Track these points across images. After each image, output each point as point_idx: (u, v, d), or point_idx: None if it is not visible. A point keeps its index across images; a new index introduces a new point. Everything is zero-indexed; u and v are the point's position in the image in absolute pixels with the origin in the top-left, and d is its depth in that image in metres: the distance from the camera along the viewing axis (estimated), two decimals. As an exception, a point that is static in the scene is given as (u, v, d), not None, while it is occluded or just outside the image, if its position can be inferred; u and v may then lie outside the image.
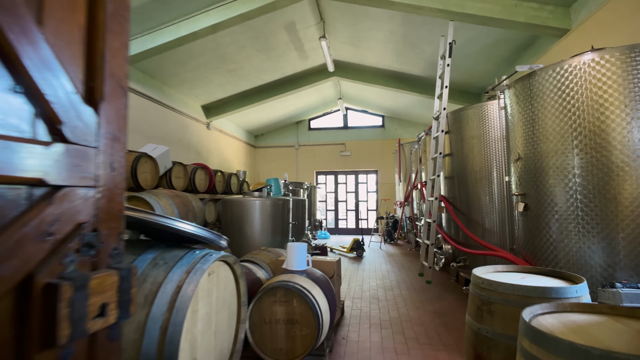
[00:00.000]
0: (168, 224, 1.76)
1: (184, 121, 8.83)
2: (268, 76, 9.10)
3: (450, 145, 4.81)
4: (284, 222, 5.47)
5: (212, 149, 10.38)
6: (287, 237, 5.52)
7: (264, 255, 4.04)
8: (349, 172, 13.96)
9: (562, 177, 2.77)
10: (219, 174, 8.33)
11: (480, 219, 4.33)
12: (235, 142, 12.22)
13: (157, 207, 3.31)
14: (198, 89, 8.72)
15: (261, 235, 5.19)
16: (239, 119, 11.82)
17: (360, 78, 9.45)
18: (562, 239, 2.76)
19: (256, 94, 9.92)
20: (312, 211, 11.14)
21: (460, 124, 4.60)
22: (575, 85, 2.72)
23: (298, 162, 14.01)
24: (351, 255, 8.75)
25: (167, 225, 1.76)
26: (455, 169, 4.71)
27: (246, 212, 5.19)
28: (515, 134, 3.26)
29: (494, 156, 4.17)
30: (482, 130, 4.29)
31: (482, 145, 4.28)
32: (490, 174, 4.21)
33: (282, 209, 5.43)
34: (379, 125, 13.73)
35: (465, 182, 4.54)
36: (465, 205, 4.55)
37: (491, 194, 4.21)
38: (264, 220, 5.22)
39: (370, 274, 6.63)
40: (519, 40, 6.24)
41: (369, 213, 13.84)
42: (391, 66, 8.69)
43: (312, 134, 14.06)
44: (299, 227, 6.71)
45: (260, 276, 3.44)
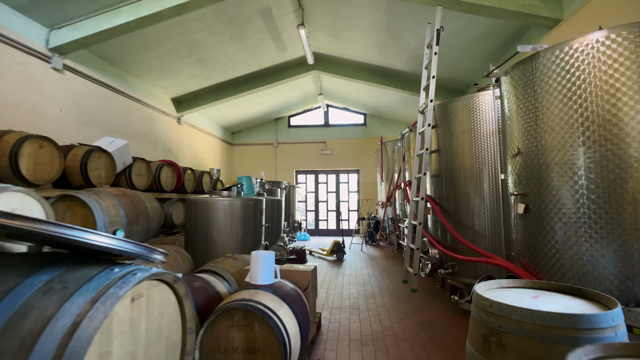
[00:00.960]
0: (57, 233, 1.23)
1: (151, 114, 8.14)
2: (243, 68, 8.53)
3: (437, 141, 4.42)
4: (256, 224, 4.94)
5: (183, 146, 9.70)
6: (260, 241, 5.00)
7: (229, 264, 3.52)
8: (330, 172, 13.53)
9: (570, 174, 2.39)
10: (188, 172, 7.70)
11: (470, 221, 3.96)
12: (209, 138, 11.55)
13: (96, 209, 2.75)
14: (167, 80, 8.05)
15: (230, 240, 4.65)
16: (213, 114, 11.16)
17: (341, 72, 9.02)
18: (569, 245, 2.38)
19: (231, 87, 9.32)
20: (291, 212, 10.63)
21: (448, 118, 4.22)
22: (582, 68, 2.34)
23: (277, 161, 13.46)
24: (331, 259, 8.30)
25: (56, 235, 1.23)
26: (442, 166, 4.33)
27: (213, 213, 4.64)
28: (513, 126, 2.87)
29: (486, 152, 3.80)
30: (472, 124, 3.92)
31: (473, 140, 3.91)
32: (482, 171, 3.84)
33: (254, 210, 4.91)
34: (361, 123, 13.36)
35: (453, 180, 4.16)
36: (454, 206, 4.17)
37: (482, 194, 3.84)
38: (233, 222, 4.68)
39: (350, 280, 6.19)
40: (507, 33, 5.95)
41: (350, 214, 13.45)
42: (373, 60, 8.30)
43: (292, 132, 13.55)
44: (274, 230, 6.19)
45: (222, 290, 2.92)
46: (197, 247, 4.63)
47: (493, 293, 1.79)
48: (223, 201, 4.65)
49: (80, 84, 6.04)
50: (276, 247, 5.09)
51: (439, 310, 4.39)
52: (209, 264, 3.51)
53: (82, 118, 6.06)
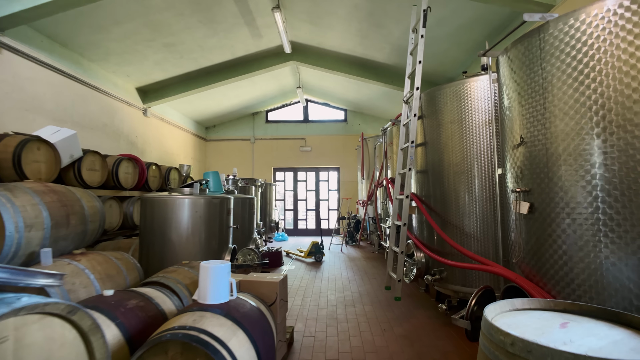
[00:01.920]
0: None
1: (111, 104, 7.40)
2: (215, 56, 7.91)
3: (423, 133, 4.01)
4: (223, 225, 4.40)
5: (150, 140, 8.97)
6: (227, 245, 4.46)
7: (183, 274, 2.98)
8: (309, 169, 13.03)
9: (588, 167, 2.00)
10: (153, 168, 7.03)
11: (459, 222, 3.56)
12: (180, 133, 10.82)
13: (5, 209, 2.15)
14: (129, 66, 7.33)
15: (191, 243, 4.09)
16: (185, 107, 10.45)
17: (320, 64, 8.53)
18: (584, 252, 1.99)
19: (202, 77, 8.67)
20: (268, 211, 10.08)
21: (436, 107, 3.81)
22: (603, 39, 1.95)
23: (254, 157, 12.85)
24: (309, 261, 7.82)
25: None
26: (429, 161, 3.92)
27: (172, 213, 4.06)
28: (514, 112, 2.47)
29: (479, 144, 3.41)
30: (463, 113, 3.52)
31: (464, 131, 3.51)
32: (474, 166, 3.45)
33: (220, 209, 4.36)
34: (342, 119, 12.94)
35: (441, 176, 3.76)
36: (441, 205, 3.77)
37: (474, 191, 3.45)
38: (195, 223, 4.12)
39: (329, 284, 5.73)
40: (495, 22, 5.63)
41: (330, 213, 13.01)
42: (354, 50, 7.86)
43: (270, 127, 12.96)
44: (245, 231, 5.65)
45: (168, 308, 2.38)
46: (153, 253, 4.05)
47: (507, 319, 1.37)
48: (183, 200, 4.08)
49: (23, 65, 5.29)
50: (246, 251, 4.56)
51: (425, 319, 3.99)
52: (158, 274, 2.96)
53: (25, 104, 5.32)
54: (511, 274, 2.42)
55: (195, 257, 4.09)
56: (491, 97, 3.18)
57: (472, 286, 3.38)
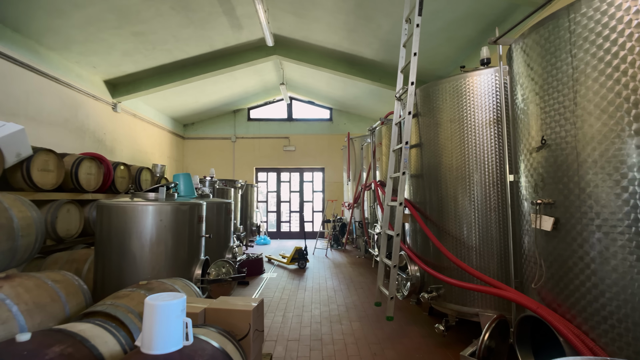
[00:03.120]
0: None
1: (74, 98, 6.73)
2: (191, 48, 7.33)
3: (418, 133, 3.61)
4: (193, 235, 3.89)
5: (120, 137, 8.30)
6: (197, 256, 3.95)
7: (138, 299, 2.47)
8: (293, 170, 12.55)
9: (622, 175, 1.62)
10: (121, 168, 6.42)
11: (457, 232, 3.18)
12: (156, 130, 10.15)
13: None
14: (95, 57, 6.68)
15: (156, 257, 3.57)
16: (160, 103, 9.79)
17: (305, 59, 8.08)
18: (625, 281, 1.62)
19: (178, 71, 8.07)
20: (249, 213, 9.55)
21: (433, 104, 3.42)
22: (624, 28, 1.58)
23: (235, 157, 12.27)
24: (292, 267, 7.36)
25: None
26: (425, 164, 3.53)
27: (132, 222, 3.52)
28: (532, 109, 2.09)
29: (482, 147, 3.04)
30: (464, 111, 3.14)
31: (465, 131, 3.13)
32: (476, 171, 3.07)
33: (190, 216, 3.85)
34: (327, 118, 12.51)
35: (438, 181, 3.37)
36: (437, 213, 3.38)
37: (475, 199, 3.08)
38: (160, 233, 3.60)
39: (313, 296, 5.29)
40: (490, 16, 5.31)
41: (314, 215, 12.56)
42: (341, 45, 7.44)
43: (252, 125, 12.41)
44: (220, 239, 5.14)
45: (109, 351, 1.88)
46: (110, 268, 3.50)
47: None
48: (146, 206, 3.55)
49: (-37, 51, 4.63)
50: (220, 263, 4.06)
51: (419, 339, 3.60)
52: (105, 300, 2.44)
53: (-35, 96, 4.65)
54: (531, 302, 2.04)
55: (160, 273, 3.57)
56: (501, 92, 2.81)
57: (474, 306, 3.00)
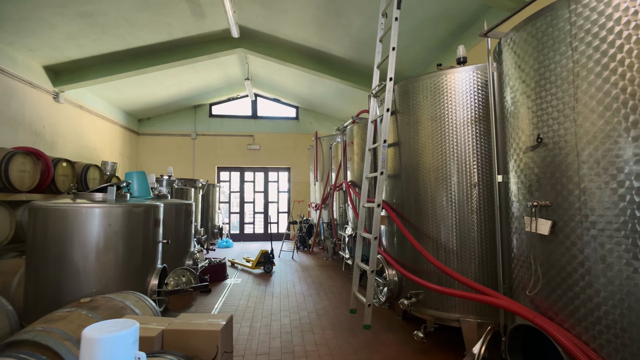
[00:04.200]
0: None
1: (7, 84, 5.90)
2: (148, 35, 6.73)
3: (396, 132, 3.46)
4: (148, 240, 3.45)
5: (63, 131, 7.45)
6: (153, 264, 3.51)
7: (78, 321, 2.06)
8: (257, 169, 12.11)
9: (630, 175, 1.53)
10: (63, 165, 5.72)
11: (435, 234, 3.06)
12: (106, 124, 9.29)
13: None
14: (32, 38, 5.89)
15: (103, 266, 3.10)
16: (111, 95, 8.96)
17: (272, 54, 7.74)
18: (630, 286, 1.52)
19: (132, 60, 7.39)
20: (210, 215, 9.02)
21: (412, 101, 3.28)
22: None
23: (195, 155, 11.60)
24: (258, 272, 7.00)
25: None
26: (403, 164, 3.38)
27: (74, 227, 3.03)
28: (523, 108, 1.98)
29: (463, 146, 2.93)
30: (445, 109, 3.03)
31: (445, 130, 3.01)
32: (455, 171, 2.97)
33: (145, 220, 3.41)
34: (293, 117, 12.22)
35: (416, 182, 3.24)
36: (415, 214, 3.25)
37: (455, 200, 2.97)
38: (109, 239, 3.14)
39: (281, 303, 4.99)
40: (461, 17, 5.34)
41: (279, 216, 12.21)
42: (310, 41, 7.20)
43: (214, 122, 11.80)
44: (180, 244, 4.69)
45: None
46: (45, 281, 2.99)
47: None
48: (92, 208, 3.07)
49: None
50: (180, 272, 3.65)
51: (396, 346, 3.45)
52: (38, 323, 2.00)
53: None
54: (527, 311, 1.92)
55: (109, 286, 3.11)
56: (489, 88, 2.71)
57: (455, 312, 2.89)
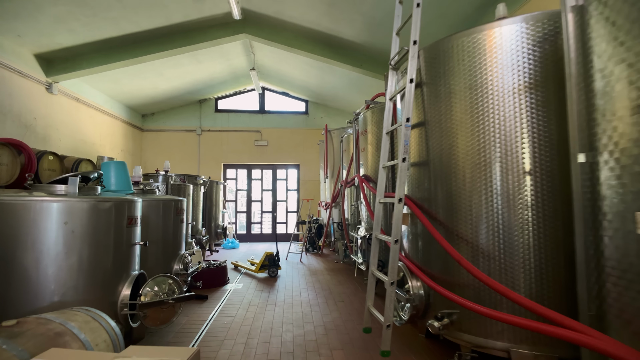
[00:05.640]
0: None
1: (-9, 72, 5.47)
2: (143, 19, 6.22)
3: (421, 108, 2.79)
4: (122, 242, 2.87)
5: (57, 124, 7.01)
6: (128, 271, 2.93)
7: (20, 345, 1.46)
8: (265, 166, 11.55)
9: None
10: (49, 158, 5.23)
11: (473, 238, 2.39)
12: (106, 119, 8.86)
13: None
14: (17, 21, 5.44)
15: (62, 274, 2.53)
16: (111, 87, 8.52)
17: (278, 39, 7.14)
18: None
19: (128, 47, 6.90)
20: (214, 214, 8.48)
21: (442, 68, 2.61)
22: None
23: (200, 152, 11.11)
24: (262, 276, 6.40)
25: None
26: (430, 148, 2.71)
27: (24, 225, 2.47)
28: (618, 66, 1.28)
29: (512, 122, 2.25)
30: (487, 75, 2.35)
31: (487, 102, 2.33)
32: (501, 156, 2.28)
33: (117, 217, 2.83)
34: (302, 111, 11.61)
35: (448, 171, 2.56)
36: (446, 213, 2.57)
37: (500, 194, 2.29)
38: (70, 243, 2.57)
39: (284, 313, 4.37)
40: (491, -15, 4.62)
41: (288, 216, 11.61)
42: (319, 23, 6.57)
43: (220, 117, 11.29)
44: (168, 247, 4.10)
45: None
46: (-10, 291, 2.43)
47: None
48: (45, 203, 2.51)
49: None
50: (160, 280, 3.06)
51: (421, 375, 2.78)
52: None
53: None
54: (621, 348, 1.24)
55: (67, 297, 2.54)
56: (567, 39, 2.02)
57: (502, 339, 2.21)
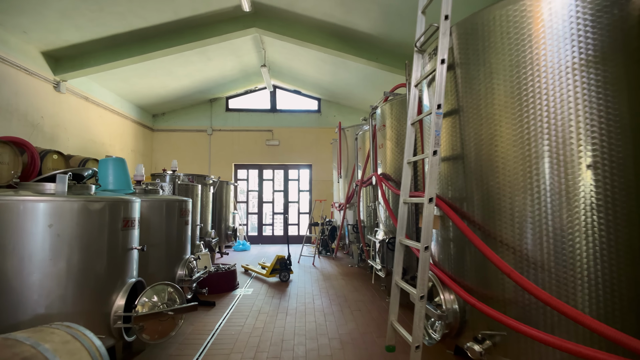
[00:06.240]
0: None
1: (-4, 69, 5.33)
2: (151, 13, 6.01)
3: (454, 95, 2.42)
4: (117, 247, 2.59)
5: (65, 123, 6.87)
6: (123, 278, 2.65)
7: None
8: (276, 166, 11.27)
9: None
10: (54, 158, 5.05)
11: (517, 243, 2.01)
12: (116, 119, 8.73)
13: None
14: (23, 17, 5.29)
15: (46, 283, 2.26)
16: (121, 87, 8.37)
17: (290, 33, 6.84)
18: None
19: (136, 44, 6.71)
20: (224, 216, 8.23)
21: (481, 44, 2.24)
22: None
23: (211, 152, 10.91)
24: (273, 280, 6.09)
25: None
26: (465, 140, 2.34)
27: (7, 229, 2.21)
28: None
29: (567, 106, 1.86)
30: (536, 50, 1.96)
31: (536, 83, 1.95)
32: (554, 146, 1.90)
33: (112, 219, 2.55)
34: (315, 109, 11.29)
35: (488, 165, 2.19)
36: (484, 214, 2.20)
37: (549, 191, 1.90)
38: (57, 248, 2.30)
39: (296, 323, 4.03)
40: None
41: (300, 217, 11.30)
42: (332, 15, 6.24)
43: (231, 117, 11.08)
44: (171, 252, 3.82)
45: None
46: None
47: None
48: (26, 203, 2.24)
49: None
50: (159, 288, 2.77)
51: (454, 403, 2.40)
52: None
53: None
54: None
55: (52, 309, 2.26)
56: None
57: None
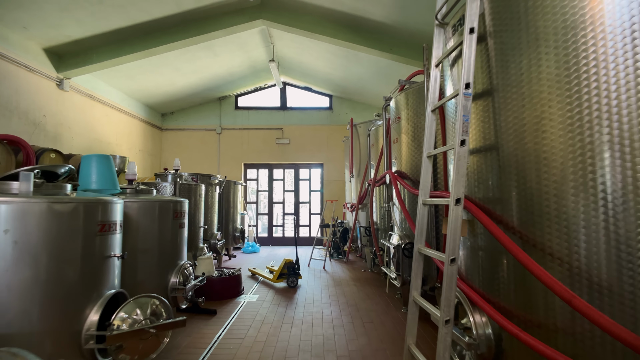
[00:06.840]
0: None
1: (-5, 65, 5.16)
2: (153, 6, 5.75)
3: (486, 72, 2.00)
4: (93, 255, 2.27)
5: (69, 122, 6.70)
6: (100, 290, 2.33)
7: None
8: (287, 166, 10.95)
9: None
10: (51, 156, 4.85)
11: (565, 255, 1.57)
12: (123, 118, 8.56)
13: None
14: (22, 11, 5.10)
15: (5, 298, 1.96)
16: (127, 84, 8.20)
17: (298, 24, 6.48)
18: None
19: (140, 38, 6.48)
20: (232, 216, 7.94)
21: (523, 5, 1.81)
22: None
23: (220, 151, 10.67)
24: (280, 286, 5.74)
25: None
26: (500, 128, 1.92)
27: (-39, 234, 1.91)
28: None
29: None
30: (595, 8, 1.53)
31: (596, 52, 1.52)
32: (617, 133, 1.46)
33: (86, 223, 2.23)
34: (326, 107, 10.91)
35: (534, 159, 1.76)
36: (522, 218, 1.77)
37: (610, 191, 1.46)
38: (15, 257, 1.99)
39: (302, 336, 3.65)
40: None
41: (311, 218, 10.93)
42: (343, 3, 5.84)
43: (240, 115, 10.81)
44: (164, 258, 3.49)
45: None
46: None
47: None
48: (-17, 205, 1.94)
49: None
50: (142, 301, 2.44)
51: None
52: None
53: None
54: None
55: (11, 327, 1.95)
56: None
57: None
